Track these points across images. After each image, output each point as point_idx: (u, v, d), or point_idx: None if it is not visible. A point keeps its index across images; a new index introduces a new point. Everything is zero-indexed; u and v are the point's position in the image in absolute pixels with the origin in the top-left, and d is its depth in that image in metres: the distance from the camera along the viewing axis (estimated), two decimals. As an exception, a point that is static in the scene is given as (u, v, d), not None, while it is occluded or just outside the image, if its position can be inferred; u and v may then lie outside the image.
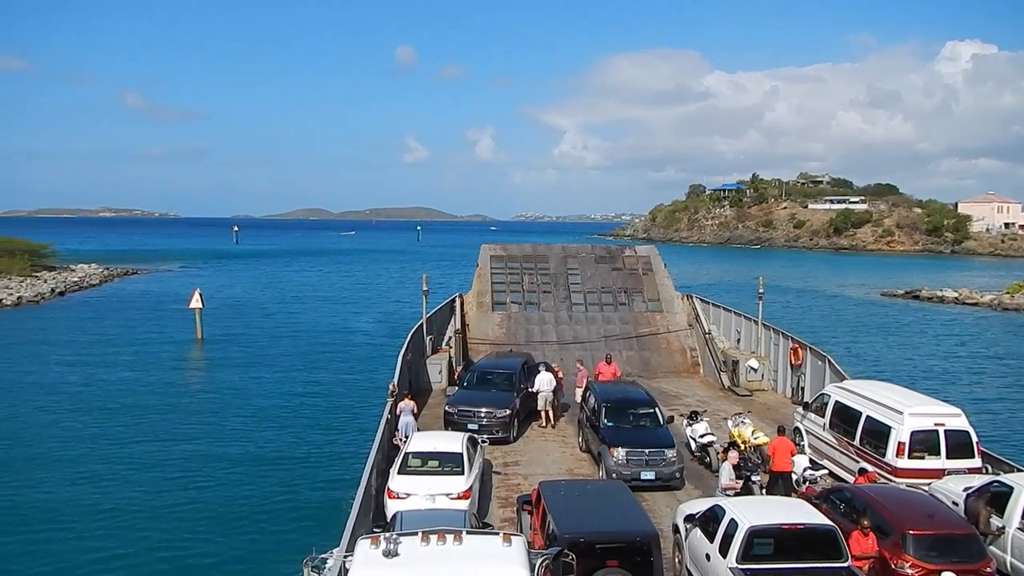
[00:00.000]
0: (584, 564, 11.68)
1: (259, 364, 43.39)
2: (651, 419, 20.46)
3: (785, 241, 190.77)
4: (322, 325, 58.56)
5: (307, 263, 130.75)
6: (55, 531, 20.96)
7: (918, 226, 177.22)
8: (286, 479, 25.39)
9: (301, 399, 35.66)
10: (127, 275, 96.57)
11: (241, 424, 31.44)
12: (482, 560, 9.75)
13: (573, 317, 34.71)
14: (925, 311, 72.37)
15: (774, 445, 18.36)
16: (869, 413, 18.41)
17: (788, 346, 28.58)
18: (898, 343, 54.10)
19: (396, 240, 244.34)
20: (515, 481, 19.44)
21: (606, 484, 16.45)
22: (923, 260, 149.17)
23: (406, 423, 20.54)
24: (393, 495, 16.16)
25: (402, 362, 25.03)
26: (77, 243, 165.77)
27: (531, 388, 24.28)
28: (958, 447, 17.22)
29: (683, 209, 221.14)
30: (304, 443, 29.22)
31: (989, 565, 12.66)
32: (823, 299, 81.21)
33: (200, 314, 49.73)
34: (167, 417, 32.19)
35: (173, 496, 23.72)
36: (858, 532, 12.92)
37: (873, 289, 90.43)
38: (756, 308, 31.14)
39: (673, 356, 33.40)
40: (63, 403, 33.74)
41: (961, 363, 46.88)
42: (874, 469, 17.38)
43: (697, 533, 13.58)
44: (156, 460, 26.96)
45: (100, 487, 24.28)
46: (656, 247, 40.42)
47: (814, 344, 27.99)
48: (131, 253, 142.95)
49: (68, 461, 26.25)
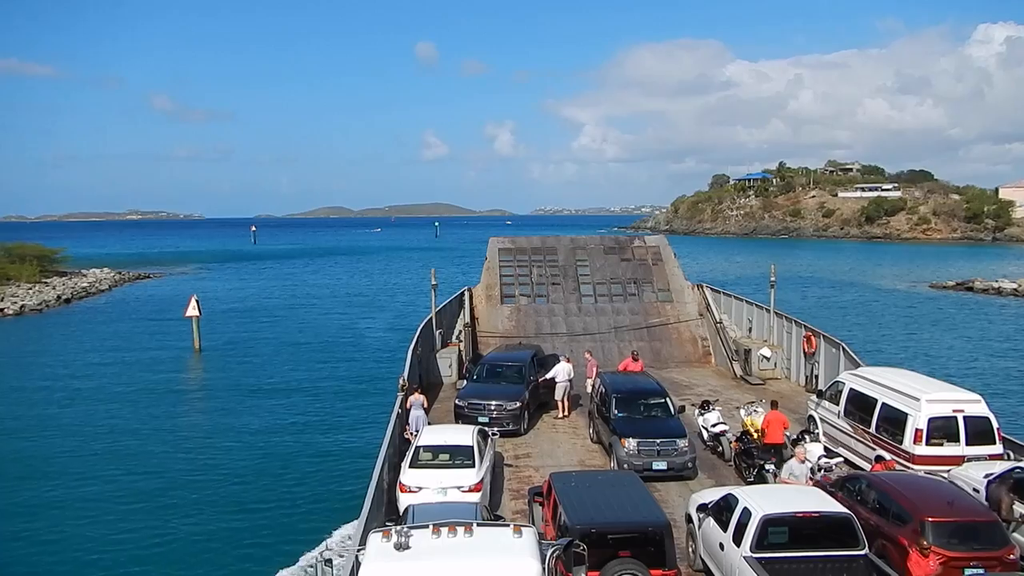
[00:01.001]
0: (596, 554, 11.56)
1: (265, 366, 42.73)
2: (662, 409, 20.29)
3: (814, 231, 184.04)
4: (334, 324, 58.38)
5: (323, 263, 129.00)
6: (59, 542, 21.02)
7: (956, 213, 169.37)
8: (299, 475, 25.44)
9: (311, 398, 35.71)
10: (139, 279, 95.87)
11: (251, 424, 31.48)
12: (493, 552, 9.67)
13: (582, 308, 34.53)
14: (980, 304, 66.93)
15: (768, 419, 18.80)
16: (885, 400, 18.15)
17: (801, 334, 28.30)
18: (959, 341, 49.00)
19: (415, 236, 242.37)
20: (526, 473, 19.33)
21: (617, 475, 16.28)
22: (963, 248, 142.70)
23: (416, 417, 20.49)
24: (405, 489, 16.09)
25: (412, 356, 24.95)
26: (99, 247, 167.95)
27: (549, 377, 24.24)
28: (978, 433, 16.95)
29: (706, 200, 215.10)
30: (316, 439, 29.27)
31: (1012, 552, 12.38)
32: (866, 292, 76.12)
33: (198, 323, 46.90)
34: (172, 419, 32.38)
35: (187, 493, 23.82)
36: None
37: (918, 280, 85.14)
38: (777, 298, 30.76)
39: (684, 346, 33.18)
40: (40, 423, 31.32)
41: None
42: (891, 457, 17.14)
43: (710, 522, 13.40)
44: (165, 458, 27.07)
45: (114, 484, 24.38)
46: (666, 237, 40.15)
47: (870, 347, 26.88)
48: (148, 256, 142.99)
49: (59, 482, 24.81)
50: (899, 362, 25.10)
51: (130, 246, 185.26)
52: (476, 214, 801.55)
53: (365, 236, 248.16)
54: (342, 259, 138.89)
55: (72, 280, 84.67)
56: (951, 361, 42.29)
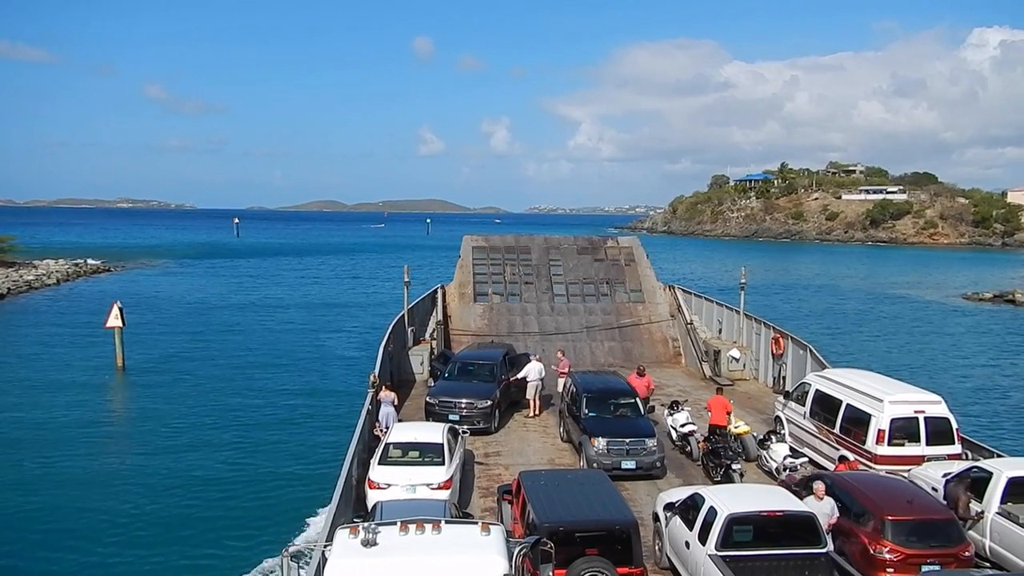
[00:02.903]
0: (563, 552, 11.63)
1: (222, 368, 39.78)
2: (632, 409, 20.48)
3: (817, 234, 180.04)
4: (303, 322, 56.66)
5: (311, 261, 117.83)
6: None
7: (964, 217, 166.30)
8: (267, 470, 25.25)
9: (280, 394, 35.37)
10: (97, 273, 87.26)
11: (218, 420, 31.15)
12: (460, 549, 9.69)
13: (555, 308, 34.66)
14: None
15: (711, 402, 20.07)
16: (849, 401, 18.47)
17: (770, 336, 28.68)
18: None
19: (406, 233, 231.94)
20: (496, 471, 19.39)
21: (586, 473, 16.40)
22: (974, 254, 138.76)
23: (387, 414, 20.48)
24: (374, 485, 16.09)
25: (383, 353, 24.90)
26: (75, 235, 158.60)
27: (520, 376, 24.30)
28: (938, 434, 17.32)
29: (706, 201, 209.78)
30: (284, 435, 29.03)
31: (967, 549, 12.71)
32: (890, 305, 69.19)
33: (120, 334, 39.42)
34: (126, 424, 31.77)
35: (153, 492, 23.51)
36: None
37: (950, 291, 78.43)
38: (784, 310, 30.83)
39: (655, 346, 33.46)
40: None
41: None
42: (855, 457, 17.45)
43: (677, 521, 13.56)
44: (126, 459, 26.70)
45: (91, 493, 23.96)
46: (638, 238, 40.39)
47: (937, 380, 25.11)
48: (120, 247, 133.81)
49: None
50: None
51: (107, 236, 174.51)
52: (470, 211, 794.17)
53: (363, 232, 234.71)
54: (330, 257, 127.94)
55: (18, 272, 76.82)
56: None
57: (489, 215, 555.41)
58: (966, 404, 32.27)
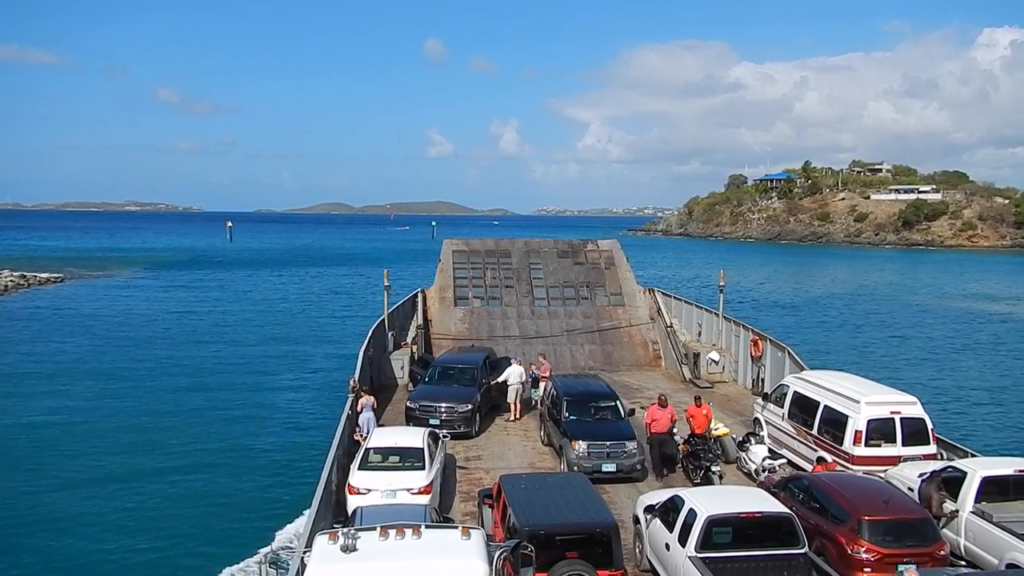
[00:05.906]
0: (544, 556, 11.65)
1: (203, 378, 40.14)
2: (612, 412, 20.51)
3: (845, 236, 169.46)
4: (275, 331, 55.08)
5: (307, 271, 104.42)
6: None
7: (1004, 218, 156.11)
8: (246, 475, 25.09)
9: (260, 397, 35.15)
10: (46, 283, 79.90)
11: (197, 422, 30.87)
12: (441, 554, 9.67)
13: (535, 312, 34.68)
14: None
15: (691, 413, 19.95)
16: (827, 403, 18.63)
17: (749, 338, 28.90)
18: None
19: (411, 237, 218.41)
20: (477, 475, 19.36)
21: (567, 477, 16.41)
22: (1020, 258, 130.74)
23: (366, 419, 20.35)
24: (354, 491, 15.98)
25: (363, 357, 24.80)
26: (56, 240, 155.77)
27: (501, 380, 24.23)
28: (913, 434, 17.51)
29: (724, 202, 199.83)
30: (263, 440, 28.86)
31: (943, 548, 12.89)
32: (952, 323, 60.30)
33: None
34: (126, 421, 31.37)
35: (129, 496, 23.24)
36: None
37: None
38: (822, 322, 30.45)
39: (635, 349, 33.58)
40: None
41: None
42: (832, 458, 17.61)
43: (657, 523, 13.62)
44: (111, 462, 26.38)
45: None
46: (618, 241, 40.48)
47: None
48: (95, 252, 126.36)
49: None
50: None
51: (96, 240, 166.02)
52: (478, 213, 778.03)
53: (376, 235, 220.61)
54: (330, 267, 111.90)
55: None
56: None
57: (494, 217, 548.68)
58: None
